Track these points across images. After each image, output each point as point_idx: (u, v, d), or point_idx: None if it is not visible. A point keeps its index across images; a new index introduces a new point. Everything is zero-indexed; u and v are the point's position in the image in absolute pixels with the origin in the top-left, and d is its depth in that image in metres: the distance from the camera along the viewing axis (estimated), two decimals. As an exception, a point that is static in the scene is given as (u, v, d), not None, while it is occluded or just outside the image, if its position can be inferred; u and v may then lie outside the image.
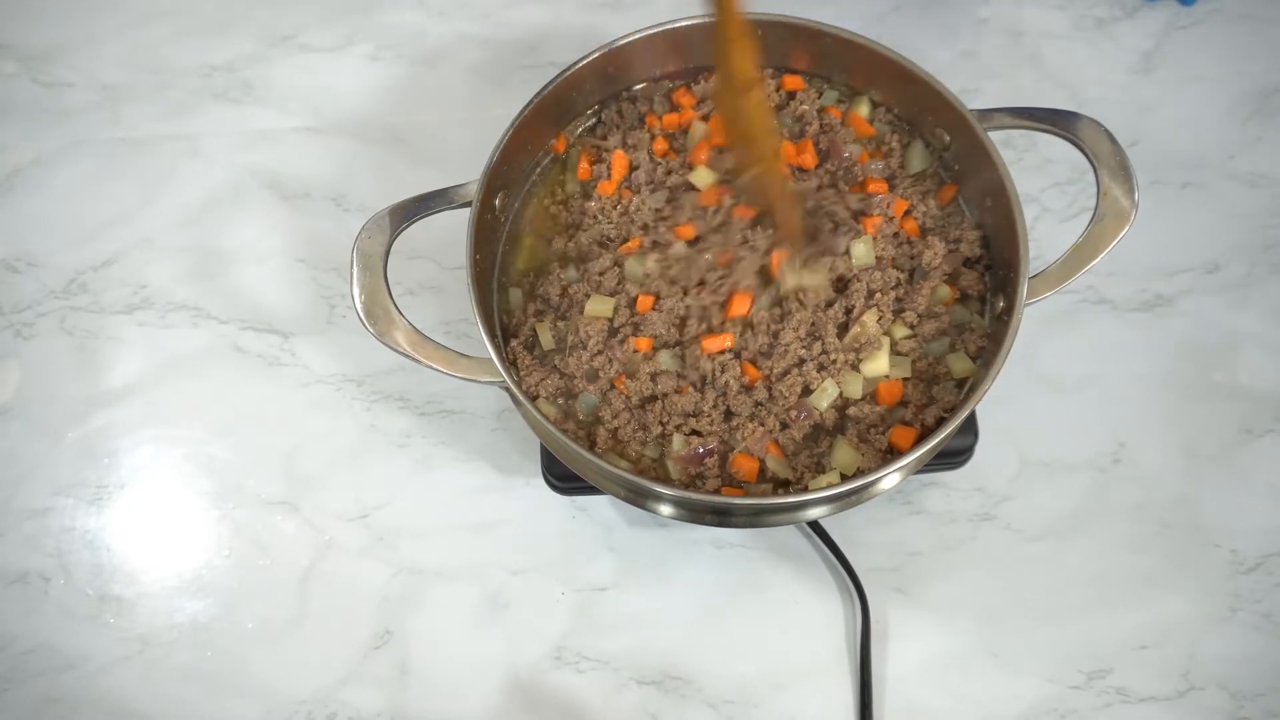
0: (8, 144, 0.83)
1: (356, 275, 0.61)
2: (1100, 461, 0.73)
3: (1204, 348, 0.75)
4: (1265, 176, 0.79)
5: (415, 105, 0.83)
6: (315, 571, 0.72)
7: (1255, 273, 0.76)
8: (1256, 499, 0.71)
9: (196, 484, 0.74)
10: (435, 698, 0.69)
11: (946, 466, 0.70)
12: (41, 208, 0.81)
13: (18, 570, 0.73)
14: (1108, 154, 0.62)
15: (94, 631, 0.71)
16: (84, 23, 0.86)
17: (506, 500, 0.73)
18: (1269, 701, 0.68)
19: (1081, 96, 0.81)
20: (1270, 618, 0.69)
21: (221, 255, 0.80)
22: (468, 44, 0.85)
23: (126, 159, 0.82)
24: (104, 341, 0.78)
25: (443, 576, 0.72)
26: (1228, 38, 0.83)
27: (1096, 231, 0.61)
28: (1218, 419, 0.73)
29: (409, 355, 0.60)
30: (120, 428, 0.76)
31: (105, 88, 0.84)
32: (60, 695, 0.70)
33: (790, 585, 0.71)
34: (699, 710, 0.69)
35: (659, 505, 0.63)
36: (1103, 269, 0.62)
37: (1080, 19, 0.84)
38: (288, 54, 0.85)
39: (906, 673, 0.69)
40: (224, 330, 0.78)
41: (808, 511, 0.63)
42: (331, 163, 0.82)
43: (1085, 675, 0.68)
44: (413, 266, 0.78)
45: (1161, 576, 0.70)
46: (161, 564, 0.73)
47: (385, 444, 0.75)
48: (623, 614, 0.71)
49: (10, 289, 0.79)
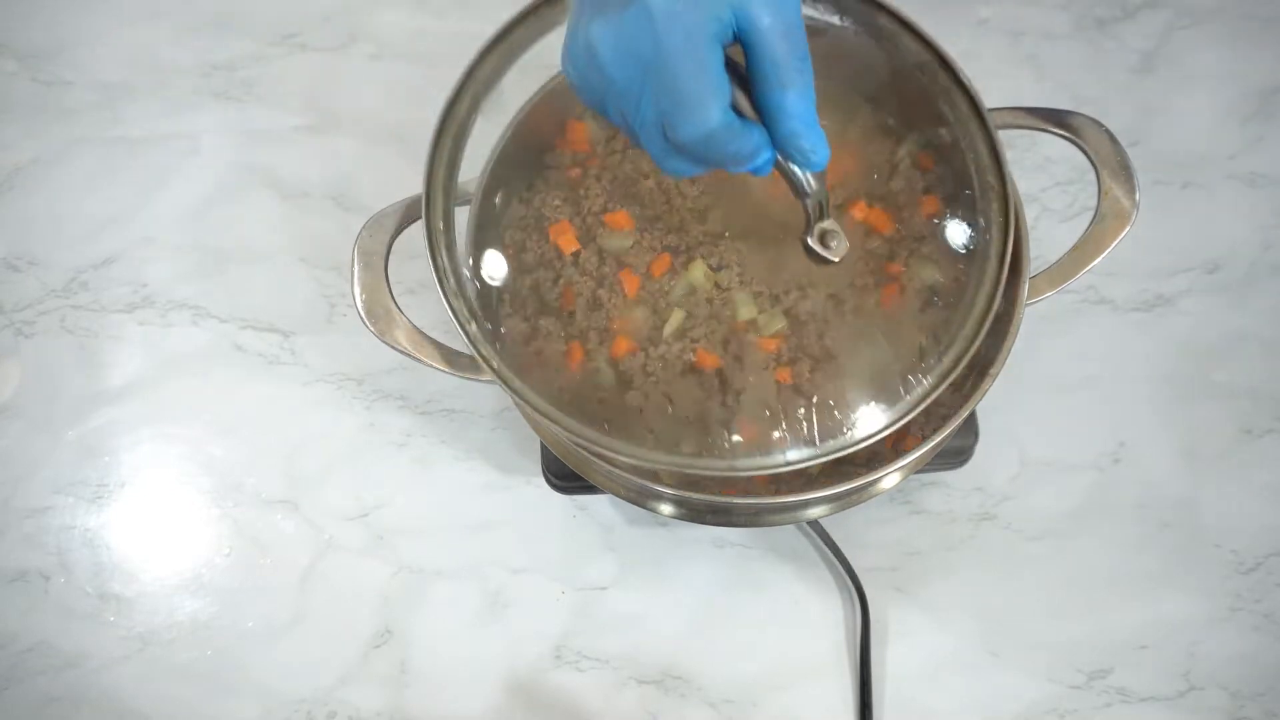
0: (8, 143, 0.83)
1: (357, 274, 0.61)
2: (1100, 461, 0.73)
3: (1204, 348, 0.75)
4: (1265, 176, 0.79)
5: (416, 105, 0.83)
6: (315, 570, 0.72)
7: (1255, 273, 0.76)
8: (1256, 499, 0.71)
9: (196, 482, 0.74)
10: (435, 697, 0.70)
11: (946, 466, 0.70)
12: (42, 206, 0.81)
13: (17, 568, 0.73)
14: (1108, 154, 0.62)
15: (94, 630, 0.71)
16: (84, 21, 0.86)
17: (507, 499, 0.73)
18: (1269, 701, 0.68)
19: (1081, 96, 0.81)
20: (1270, 618, 0.69)
21: (222, 254, 0.80)
22: (468, 44, 0.85)
23: (127, 158, 0.82)
24: (104, 340, 0.78)
25: (443, 575, 0.72)
26: (1228, 38, 0.83)
27: (1097, 231, 0.61)
28: (1218, 419, 0.73)
29: (410, 354, 0.61)
30: (120, 426, 0.76)
31: (105, 86, 0.84)
32: (60, 694, 0.70)
33: (790, 585, 0.71)
34: (699, 709, 0.69)
35: (659, 504, 0.63)
36: (1103, 269, 0.62)
37: (1080, 19, 0.84)
38: (288, 53, 0.85)
39: (906, 672, 0.69)
40: (224, 329, 0.78)
41: (808, 511, 0.64)
42: (331, 162, 0.82)
43: (1085, 675, 0.69)
44: (413, 266, 0.77)
45: (1161, 576, 0.70)
46: (161, 562, 0.73)
47: (385, 443, 0.75)
48: (623, 613, 0.71)
49: (10, 288, 0.79)
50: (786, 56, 0.45)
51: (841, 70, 0.62)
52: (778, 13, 0.45)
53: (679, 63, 0.44)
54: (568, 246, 0.61)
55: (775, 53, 0.45)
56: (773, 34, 0.45)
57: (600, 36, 0.46)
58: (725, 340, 0.59)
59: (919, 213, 0.61)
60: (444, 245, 0.60)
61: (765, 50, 0.45)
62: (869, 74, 0.63)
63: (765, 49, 0.45)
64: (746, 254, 0.60)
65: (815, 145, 0.47)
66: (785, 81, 0.45)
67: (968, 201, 0.60)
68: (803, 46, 0.46)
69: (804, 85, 0.46)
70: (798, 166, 0.49)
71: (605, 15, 0.45)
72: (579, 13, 0.48)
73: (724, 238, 0.61)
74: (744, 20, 0.45)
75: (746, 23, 0.45)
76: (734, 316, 0.59)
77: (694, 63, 0.44)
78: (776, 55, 0.45)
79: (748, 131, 0.46)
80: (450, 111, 0.62)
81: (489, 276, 0.61)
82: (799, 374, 0.59)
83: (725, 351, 0.59)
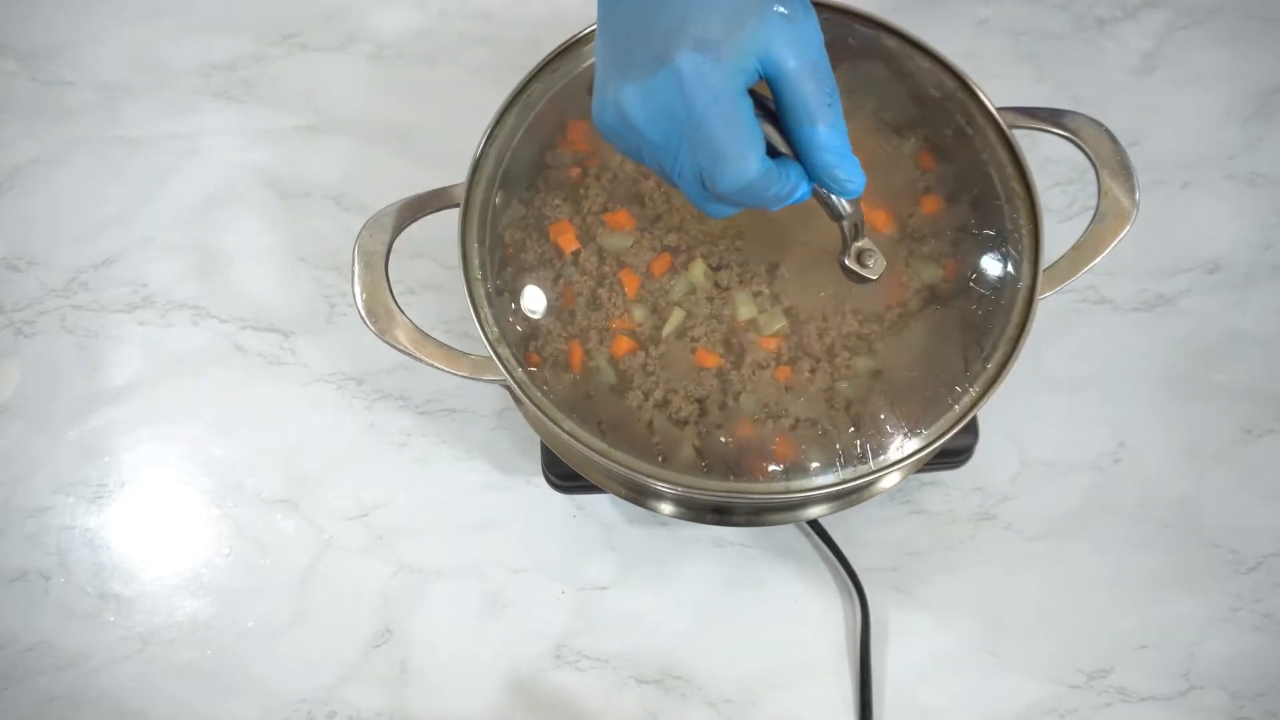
0: (8, 143, 0.83)
1: (358, 273, 0.61)
2: (1100, 461, 0.73)
3: (1204, 348, 0.75)
4: (1265, 176, 0.79)
5: (416, 105, 0.83)
6: (315, 570, 0.72)
7: (1255, 273, 0.76)
8: (1256, 499, 0.71)
9: (196, 482, 0.74)
10: (435, 696, 0.70)
11: (946, 466, 0.70)
12: (42, 206, 0.81)
13: (18, 568, 0.73)
14: (1108, 154, 0.62)
15: (94, 630, 0.71)
16: (84, 21, 0.86)
17: (507, 499, 0.73)
18: (1269, 701, 0.68)
19: (1081, 96, 0.81)
20: (1270, 618, 0.69)
21: (222, 254, 0.80)
22: (469, 43, 0.85)
23: (127, 158, 0.82)
24: (104, 340, 0.78)
25: (443, 575, 0.72)
26: (1228, 38, 0.83)
27: (1097, 231, 0.61)
28: (1218, 419, 0.73)
29: (410, 353, 0.61)
30: (120, 426, 0.76)
31: (105, 86, 0.84)
32: (60, 693, 0.70)
33: (790, 584, 0.71)
34: (699, 709, 0.69)
35: (660, 504, 0.63)
36: (1103, 269, 0.62)
37: (1080, 19, 0.84)
38: (288, 53, 0.85)
39: (906, 672, 0.69)
40: (224, 329, 0.78)
41: (808, 510, 0.64)
42: (332, 162, 0.82)
43: (1085, 675, 0.69)
44: (413, 265, 0.78)
45: (1162, 576, 0.70)
46: (161, 562, 0.73)
47: (385, 443, 0.75)
48: (623, 613, 0.71)
49: (10, 287, 0.79)
50: (815, 94, 0.46)
51: (867, 100, 0.63)
52: (801, 54, 0.45)
53: (712, 120, 0.45)
54: (567, 246, 0.61)
55: (803, 92, 0.46)
56: (799, 76, 0.46)
57: (630, 100, 0.47)
58: (725, 339, 0.59)
59: (946, 223, 0.61)
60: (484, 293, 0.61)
61: (794, 92, 0.46)
62: (894, 104, 0.64)
63: (794, 91, 0.46)
64: (755, 256, 0.61)
65: (851, 175, 0.48)
66: (815, 117, 0.46)
67: (994, 211, 0.61)
68: (830, 82, 0.46)
69: (834, 118, 0.46)
70: (835, 195, 0.50)
71: (633, 79, 0.46)
72: (605, 76, 0.48)
73: (726, 237, 0.61)
74: (769, 66, 0.45)
75: (772, 68, 0.45)
76: (734, 316, 0.59)
77: (727, 119, 0.45)
78: (805, 95, 0.46)
79: (784, 172, 0.47)
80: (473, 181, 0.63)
81: (530, 310, 0.61)
82: (799, 373, 0.59)
83: (726, 351, 0.59)
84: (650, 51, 0.45)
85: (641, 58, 0.46)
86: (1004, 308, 0.60)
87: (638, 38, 0.46)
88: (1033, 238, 0.61)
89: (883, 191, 0.61)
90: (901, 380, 0.59)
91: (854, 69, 0.63)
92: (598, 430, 0.59)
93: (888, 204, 0.61)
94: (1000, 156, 0.62)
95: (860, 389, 0.59)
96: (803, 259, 0.60)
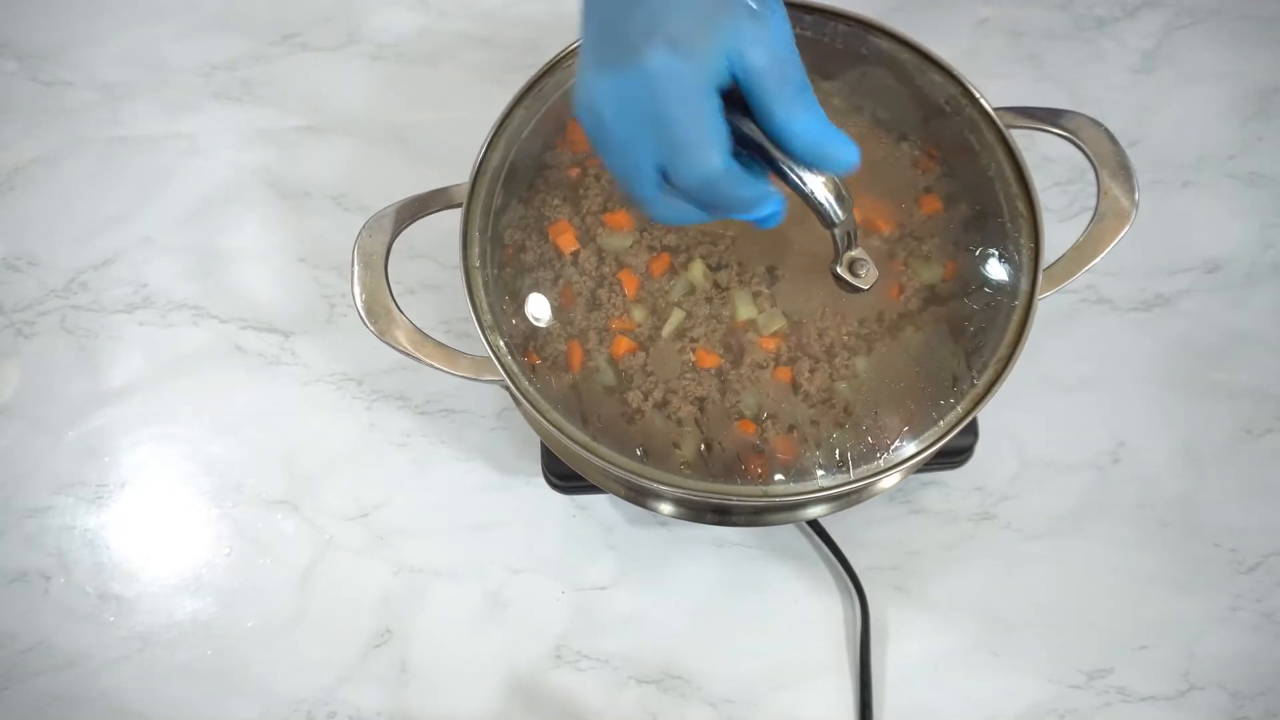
0: (8, 143, 0.83)
1: (358, 274, 0.61)
2: (1100, 461, 0.73)
3: (1204, 348, 0.75)
4: (1265, 176, 0.79)
5: (416, 105, 0.83)
6: (315, 570, 0.72)
7: (1255, 273, 0.76)
8: (1256, 498, 0.71)
9: (196, 483, 0.74)
10: (435, 696, 0.70)
11: (946, 466, 0.70)
12: (42, 206, 0.81)
13: (18, 569, 0.73)
14: (1108, 153, 0.62)
15: (94, 630, 0.71)
16: (84, 21, 0.87)
17: (506, 499, 0.73)
18: (1269, 701, 0.68)
19: (1081, 96, 0.81)
20: (1270, 618, 0.69)
21: (221, 254, 0.80)
22: (469, 43, 0.85)
23: (127, 158, 0.82)
24: (104, 340, 0.78)
25: (443, 575, 0.72)
26: (1228, 38, 0.83)
27: (1097, 231, 0.61)
28: (1218, 419, 0.73)
29: (410, 354, 0.61)
30: (120, 426, 0.76)
31: (105, 86, 0.84)
32: (60, 693, 0.70)
33: (790, 584, 0.71)
34: (699, 709, 0.69)
35: (659, 504, 0.63)
36: (1102, 268, 0.62)
37: (1080, 18, 0.84)
38: (288, 53, 0.85)
39: (906, 672, 0.69)
40: (224, 329, 0.78)
41: (808, 510, 0.63)
42: (331, 162, 0.82)
43: (1085, 675, 0.69)
44: (413, 266, 0.78)
45: (1161, 576, 0.70)
46: (161, 562, 0.73)
47: (385, 443, 0.75)
48: (623, 613, 0.71)
49: (10, 288, 0.79)
50: (784, 86, 0.46)
51: (865, 103, 0.63)
52: (770, 49, 0.45)
53: (678, 115, 0.45)
54: (567, 246, 0.61)
55: (773, 85, 0.45)
56: (768, 73, 0.45)
57: (602, 93, 0.46)
58: (725, 340, 0.59)
59: (949, 235, 0.61)
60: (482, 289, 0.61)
61: (764, 86, 0.45)
62: (892, 106, 0.63)
63: (764, 86, 0.45)
64: (752, 254, 0.60)
65: (839, 148, 0.47)
66: (791, 106, 0.46)
67: (997, 229, 0.61)
68: (801, 75, 0.46)
69: (809, 103, 0.46)
70: (830, 177, 0.48)
71: (607, 71, 0.46)
72: (584, 63, 0.48)
73: (726, 238, 0.61)
74: (738, 64, 0.45)
75: (740, 67, 0.45)
76: (733, 316, 0.59)
77: (693, 113, 0.45)
78: (774, 88, 0.45)
79: (752, 180, 0.47)
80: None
81: (529, 311, 0.61)
82: (799, 373, 0.59)
83: (725, 351, 0.59)
84: (622, 47, 0.45)
85: (614, 53, 0.46)
86: (1004, 308, 0.60)
87: (613, 32, 0.46)
88: (1032, 238, 0.61)
89: (882, 192, 0.62)
90: (901, 380, 0.59)
91: (851, 72, 0.63)
92: (597, 430, 0.59)
93: (887, 205, 0.61)
94: (999, 156, 0.62)
95: (860, 389, 0.59)
96: (803, 259, 0.60)
